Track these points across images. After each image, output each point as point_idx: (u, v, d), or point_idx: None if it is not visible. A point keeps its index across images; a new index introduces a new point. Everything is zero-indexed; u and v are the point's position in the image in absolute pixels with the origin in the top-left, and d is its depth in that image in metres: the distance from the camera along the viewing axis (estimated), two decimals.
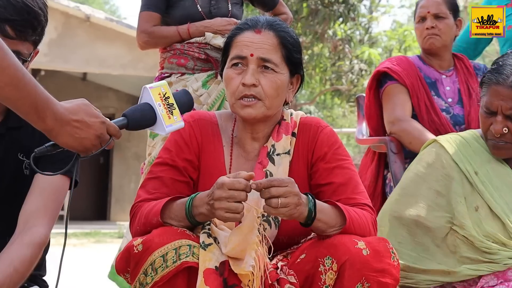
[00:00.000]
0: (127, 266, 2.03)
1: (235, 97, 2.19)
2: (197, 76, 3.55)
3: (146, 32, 3.59)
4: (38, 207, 2.17)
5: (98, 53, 13.16)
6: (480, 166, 2.55)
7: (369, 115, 3.60)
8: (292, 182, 1.97)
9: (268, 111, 2.21)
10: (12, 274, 2.04)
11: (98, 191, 16.67)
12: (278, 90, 2.20)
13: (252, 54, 2.18)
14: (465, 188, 2.52)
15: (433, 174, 2.59)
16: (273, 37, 2.21)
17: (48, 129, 1.72)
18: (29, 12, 2.13)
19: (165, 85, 1.98)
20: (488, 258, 2.42)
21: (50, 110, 1.69)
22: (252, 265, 1.98)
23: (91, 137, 1.78)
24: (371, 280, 1.97)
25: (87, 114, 1.78)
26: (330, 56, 15.41)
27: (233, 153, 2.27)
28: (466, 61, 3.59)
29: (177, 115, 1.97)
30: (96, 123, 1.79)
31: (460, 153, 2.57)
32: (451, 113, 3.44)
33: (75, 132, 1.75)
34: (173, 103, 1.97)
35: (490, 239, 2.43)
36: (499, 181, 2.54)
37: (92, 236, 11.93)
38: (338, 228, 2.04)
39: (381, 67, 3.55)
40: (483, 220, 2.46)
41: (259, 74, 2.18)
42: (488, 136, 2.58)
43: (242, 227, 2.02)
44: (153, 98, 1.94)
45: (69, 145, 1.77)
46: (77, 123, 1.75)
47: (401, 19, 28.27)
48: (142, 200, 2.15)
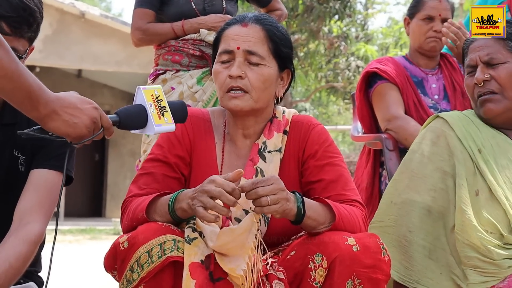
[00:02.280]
0: (114, 263, 2.04)
1: (223, 90, 2.21)
2: (192, 73, 3.55)
3: (140, 29, 3.59)
4: (33, 203, 2.17)
5: (93, 49, 13.15)
6: (484, 142, 2.50)
7: (361, 116, 3.61)
8: (277, 178, 1.98)
9: (256, 104, 2.21)
10: (8, 270, 2.04)
11: (94, 188, 16.67)
12: (266, 83, 2.21)
13: (239, 47, 2.20)
14: (468, 168, 2.46)
15: (439, 153, 2.53)
16: (260, 30, 2.23)
17: (41, 116, 1.73)
18: (25, 9, 2.13)
19: (159, 88, 1.99)
20: (487, 257, 2.38)
21: (43, 98, 1.71)
22: (244, 269, 1.98)
23: (86, 121, 1.78)
24: (362, 276, 1.98)
25: (79, 100, 1.80)
26: (325, 53, 15.42)
27: (225, 150, 2.28)
28: (450, 57, 3.61)
29: (168, 118, 1.97)
30: (89, 108, 1.80)
31: (464, 129, 2.52)
32: (438, 109, 3.46)
33: (69, 118, 1.75)
34: (165, 106, 1.98)
35: (489, 228, 2.39)
36: (504, 157, 2.49)
37: (87, 233, 11.94)
38: (327, 225, 2.05)
39: (369, 67, 3.56)
40: (482, 207, 2.41)
41: (246, 66, 2.20)
42: (475, 95, 2.55)
43: (236, 229, 2.02)
44: (145, 98, 1.96)
45: (62, 131, 1.76)
46: (69, 109, 1.76)
47: (397, 16, 28.27)
48: (133, 196, 2.16)
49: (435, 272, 2.45)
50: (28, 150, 2.25)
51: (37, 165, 2.24)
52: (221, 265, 1.99)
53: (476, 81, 2.54)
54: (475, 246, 2.38)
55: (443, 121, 2.58)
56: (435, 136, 2.56)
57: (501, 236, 2.40)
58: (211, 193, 1.94)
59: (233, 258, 2.01)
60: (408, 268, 2.47)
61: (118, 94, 16.46)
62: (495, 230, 2.40)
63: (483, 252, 2.38)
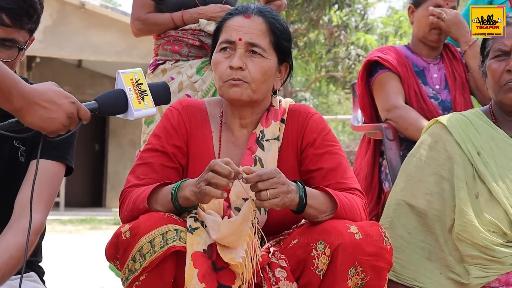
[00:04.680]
0: (116, 253, 2.05)
1: (223, 80, 2.21)
2: (192, 63, 3.55)
3: (140, 19, 3.59)
4: (34, 194, 2.18)
5: (93, 40, 13.12)
6: (483, 144, 2.49)
7: (362, 104, 3.60)
8: (278, 172, 1.99)
9: (254, 95, 2.22)
10: (8, 260, 2.05)
11: (94, 178, 16.67)
12: (265, 75, 2.22)
13: (241, 39, 2.20)
14: (467, 172, 2.47)
15: (436, 158, 2.53)
16: (262, 23, 2.23)
17: (16, 109, 1.70)
18: (25, 0, 2.12)
19: (139, 72, 1.98)
20: (491, 256, 2.38)
21: (16, 90, 1.68)
22: (243, 256, 1.99)
23: (62, 116, 1.76)
24: (364, 264, 2.00)
25: (56, 94, 1.77)
26: (325, 43, 15.41)
27: (222, 139, 2.29)
28: (452, 47, 3.60)
29: (148, 102, 1.96)
30: (66, 103, 1.77)
31: (463, 132, 2.51)
32: (439, 99, 3.45)
33: (45, 112, 1.73)
34: (145, 90, 1.97)
35: (491, 228, 2.39)
36: (503, 157, 2.49)
37: (88, 223, 11.95)
38: (329, 214, 2.06)
39: (371, 56, 3.55)
40: (483, 209, 2.41)
41: (247, 58, 2.20)
42: (502, 81, 2.51)
43: (235, 221, 2.03)
44: (124, 83, 1.94)
45: (37, 125, 1.75)
46: (46, 103, 1.73)
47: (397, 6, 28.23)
48: (131, 186, 2.17)
49: (434, 273, 2.46)
50: (28, 141, 2.25)
51: (35, 156, 2.24)
52: (222, 256, 2.00)
53: (510, 68, 2.49)
54: (478, 246, 2.39)
55: (441, 126, 2.58)
56: (433, 141, 2.57)
57: (504, 235, 2.41)
58: (216, 171, 1.94)
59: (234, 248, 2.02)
60: (405, 267, 2.48)
61: None
62: (497, 229, 2.41)
63: (486, 251, 2.39)
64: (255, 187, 1.97)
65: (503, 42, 2.53)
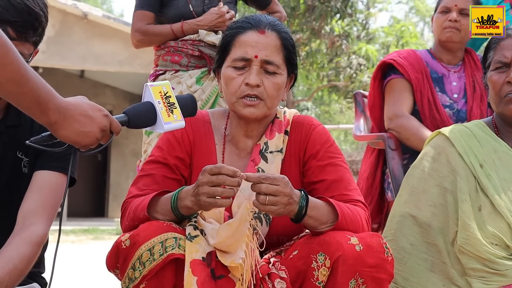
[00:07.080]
0: (116, 262, 2.06)
1: (237, 96, 2.21)
2: (191, 73, 3.57)
3: (140, 30, 3.61)
4: (37, 205, 2.18)
5: (95, 50, 13.16)
6: (486, 157, 2.48)
7: (372, 104, 3.58)
8: (286, 182, 1.97)
9: (269, 111, 2.23)
10: (11, 271, 2.05)
11: (96, 188, 16.69)
12: (279, 91, 2.23)
13: (257, 56, 2.19)
14: (470, 184, 2.45)
15: (439, 170, 2.52)
16: (276, 39, 2.23)
17: (51, 122, 1.68)
18: (30, 14, 2.13)
19: (167, 84, 1.98)
20: (493, 269, 2.37)
21: (52, 103, 1.66)
22: (242, 257, 2.00)
23: (95, 130, 1.75)
24: (365, 275, 1.99)
25: (90, 107, 1.76)
26: (327, 52, 15.41)
27: (226, 151, 2.29)
28: (474, 55, 3.57)
29: (177, 114, 1.96)
30: (100, 116, 1.77)
31: (465, 144, 2.50)
32: (455, 108, 3.42)
33: (80, 126, 1.71)
34: (174, 103, 1.96)
35: (494, 240, 2.38)
36: (506, 170, 2.47)
37: (90, 233, 11.95)
38: (330, 225, 2.05)
39: (387, 57, 3.53)
40: (486, 221, 2.40)
41: (262, 75, 2.20)
42: (503, 92, 2.51)
43: (232, 223, 2.04)
44: (153, 96, 1.94)
45: (71, 139, 1.73)
46: (80, 117, 1.72)
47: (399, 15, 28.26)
48: (132, 197, 2.17)
49: (437, 285, 2.44)
50: (32, 152, 2.25)
51: (40, 167, 2.25)
52: (222, 261, 2.00)
53: (510, 79, 2.49)
54: (481, 259, 2.38)
55: (444, 137, 2.57)
56: (436, 152, 2.56)
57: (506, 247, 2.40)
58: (212, 183, 1.94)
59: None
60: (408, 279, 2.47)
61: (120, 94, 16.47)
62: (500, 241, 2.40)
63: (489, 264, 2.37)
64: (257, 188, 1.96)
65: (503, 54, 2.52)
